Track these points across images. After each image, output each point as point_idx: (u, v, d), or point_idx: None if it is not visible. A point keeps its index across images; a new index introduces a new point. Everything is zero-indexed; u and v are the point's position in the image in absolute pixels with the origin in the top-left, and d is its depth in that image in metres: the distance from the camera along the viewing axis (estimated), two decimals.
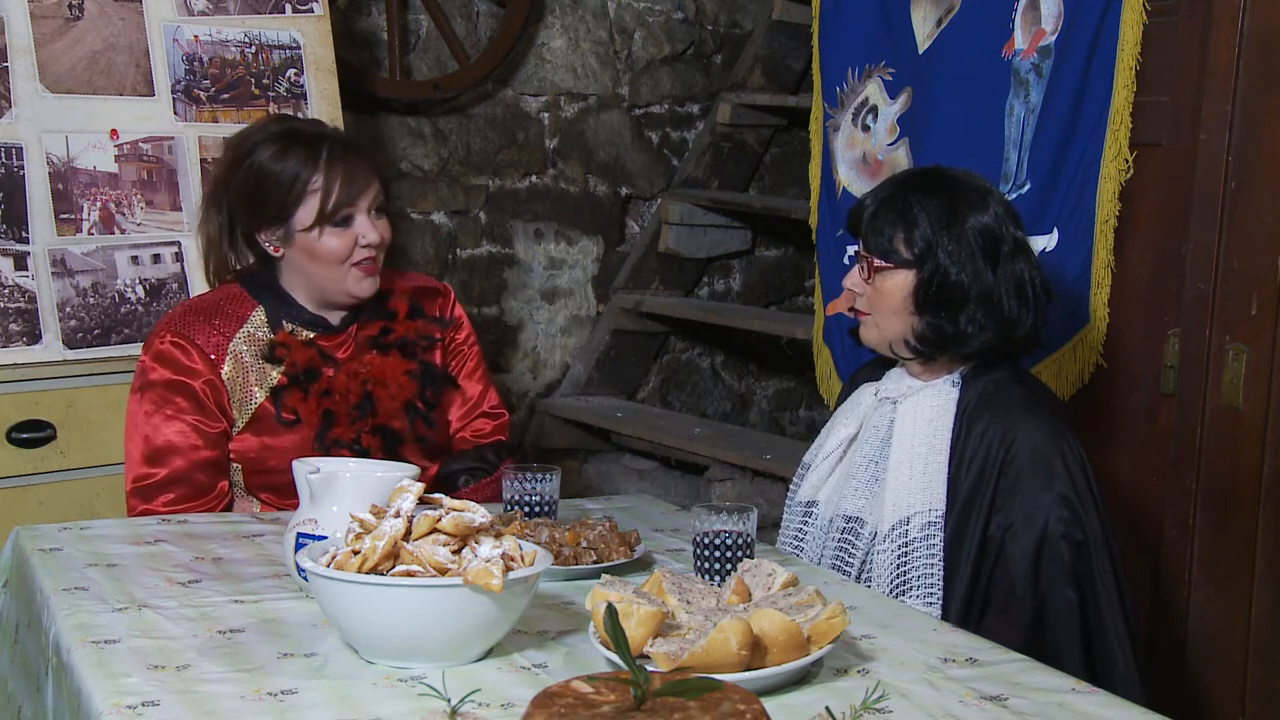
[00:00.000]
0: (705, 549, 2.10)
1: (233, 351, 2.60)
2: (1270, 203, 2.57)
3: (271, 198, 2.59)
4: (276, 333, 2.63)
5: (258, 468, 2.60)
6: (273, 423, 2.60)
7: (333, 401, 2.62)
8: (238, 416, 2.60)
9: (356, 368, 2.65)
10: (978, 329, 2.29)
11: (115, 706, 1.60)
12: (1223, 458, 2.64)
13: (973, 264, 2.28)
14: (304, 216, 2.59)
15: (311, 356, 2.63)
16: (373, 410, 2.64)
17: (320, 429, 2.60)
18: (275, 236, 2.62)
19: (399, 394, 2.67)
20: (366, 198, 2.61)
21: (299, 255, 2.62)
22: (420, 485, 1.82)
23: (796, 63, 4.44)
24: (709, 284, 4.53)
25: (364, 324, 2.70)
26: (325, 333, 2.66)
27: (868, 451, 2.40)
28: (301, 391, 2.61)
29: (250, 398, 2.60)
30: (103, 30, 3.18)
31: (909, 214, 2.30)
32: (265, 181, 2.59)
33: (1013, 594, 2.22)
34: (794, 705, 1.66)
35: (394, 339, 2.70)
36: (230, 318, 2.63)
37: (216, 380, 2.58)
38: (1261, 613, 2.61)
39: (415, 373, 2.70)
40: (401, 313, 2.73)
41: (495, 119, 4.17)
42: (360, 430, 2.62)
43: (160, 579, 2.09)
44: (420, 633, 1.72)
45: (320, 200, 2.58)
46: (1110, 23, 2.74)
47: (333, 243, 2.60)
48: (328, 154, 2.60)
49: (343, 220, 2.60)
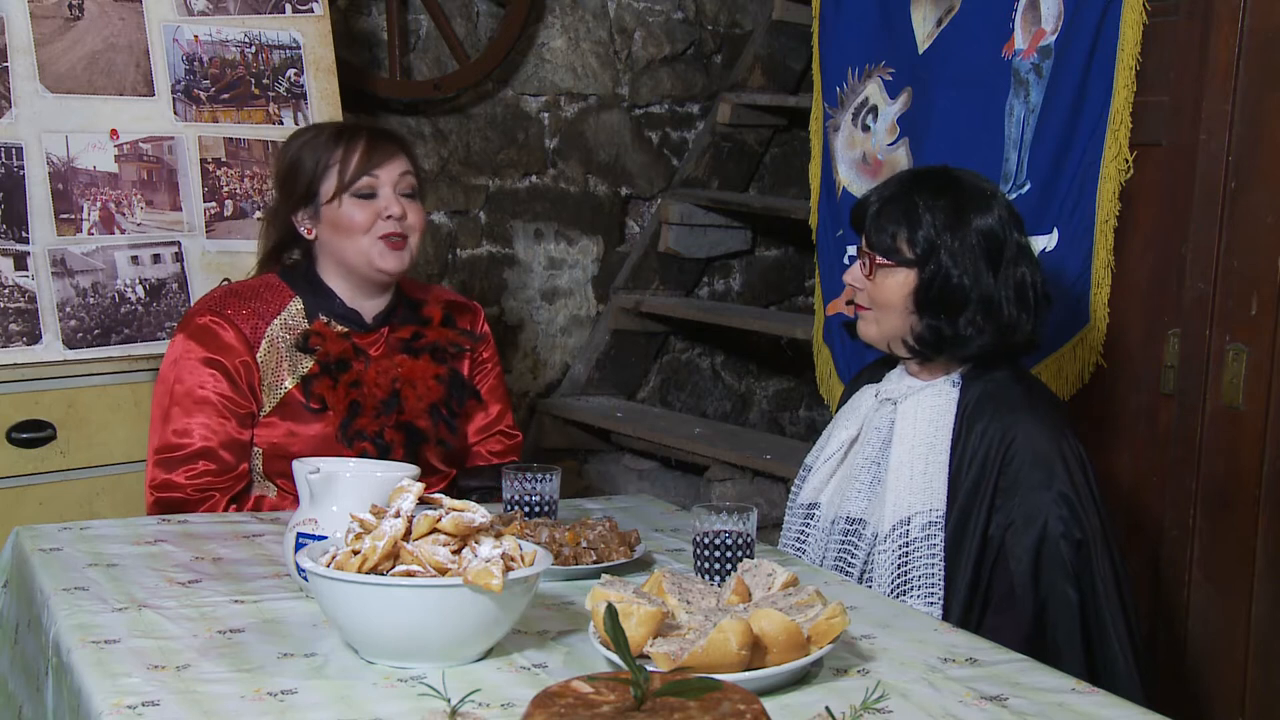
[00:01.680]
0: (705, 549, 2.10)
1: (269, 336, 2.65)
2: (1270, 203, 2.57)
3: (300, 178, 2.68)
4: (312, 323, 2.67)
5: (280, 454, 2.62)
6: (299, 410, 2.63)
7: (360, 393, 2.65)
8: (266, 401, 2.63)
9: (387, 365, 2.69)
10: (976, 332, 2.29)
11: (115, 706, 1.60)
12: (1223, 458, 2.64)
13: (974, 267, 2.28)
14: (326, 189, 2.67)
15: (344, 348, 2.67)
16: (399, 408, 2.67)
17: (345, 419, 2.63)
18: (306, 216, 2.70)
19: (426, 395, 2.70)
20: (388, 171, 2.67)
21: (327, 232, 2.68)
22: (420, 485, 1.82)
23: (796, 63, 4.44)
24: (709, 284, 4.53)
25: (396, 326, 2.74)
26: (359, 330, 2.71)
27: (869, 453, 2.40)
28: (331, 380, 2.64)
29: (280, 383, 2.64)
30: (103, 30, 3.18)
31: (914, 213, 2.30)
32: (297, 165, 2.69)
33: (1013, 593, 2.22)
34: (794, 705, 1.66)
35: (425, 343, 2.74)
36: (270, 304, 2.69)
37: (252, 362, 2.63)
38: (1261, 613, 2.61)
39: (444, 378, 2.73)
40: (435, 319, 2.78)
41: (495, 119, 4.17)
42: (385, 425, 2.65)
43: (160, 579, 2.09)
44: (420, 633, 1.72)
45: (339, 170, 2.65)
46: (1110, 22, 2.73)
47: (355, 213, 2.65)
48: (352, 133, 2.70)
49: (365, 193, 2.66)
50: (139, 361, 3.13)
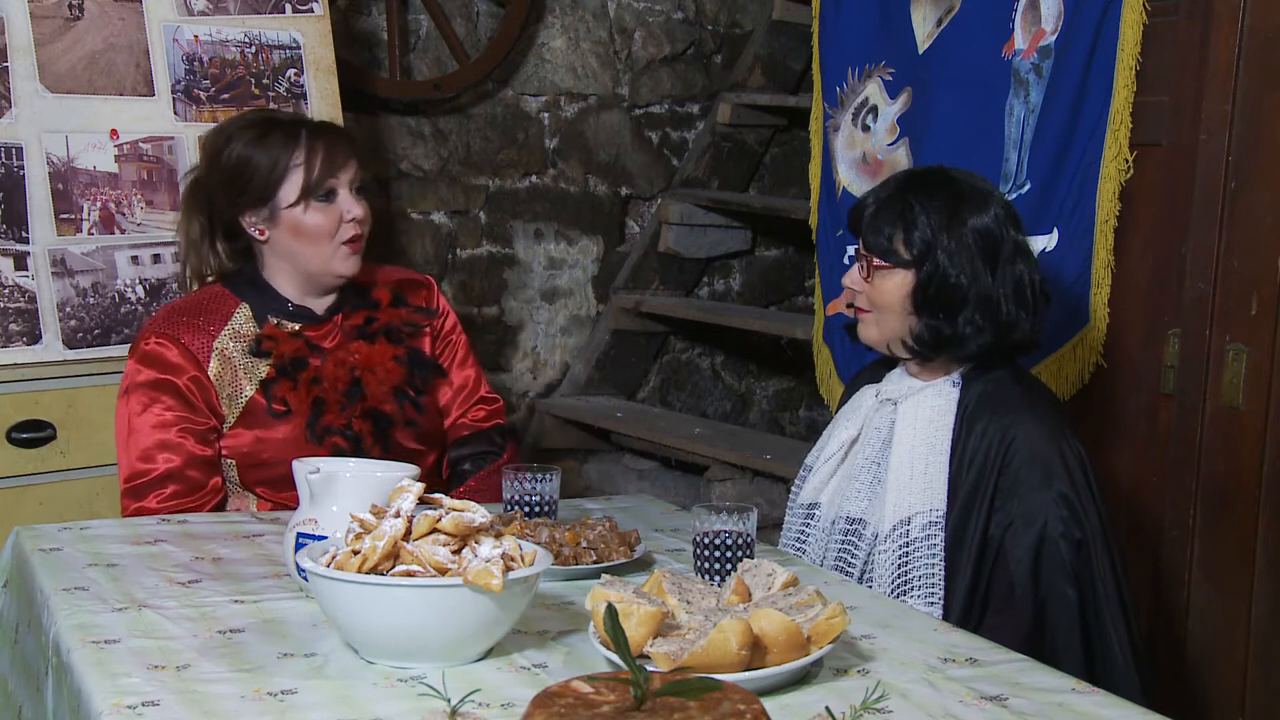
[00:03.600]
0: (705, 549, 2.10)
1: (218, 349, 2.62)
2: (1270, 203, 2.57)
3: (254, 180, 2.62)
4: (262, 327, 2.65)
5: (252, 462, 2.61)
6: (264, 415, 2.61)
7: (322, 389, 2.63)
8: (228, 413, 2.61)
9: (344, 356, 2.67)
10: (975, 331, 2.29)
11: (115, 706, 1.60)
12: (1223, 458, 2.64)
13: (971, 266, 2.28)
14: (288, 193, 2.62)
15: (298, 347, 2.65)
16: (362, 396, 2.65)
17: (311, 418, 2.61)
18: (260, 218, 2.65)
19: (387, 379, 2.68)
20: (348, 172, 2.65)
21: (284, 235, 2.64)
22: (420, 485, 1.82)
23: (796, 63, 4.44)
24: (709, 284, 4.53)
25: (348, 314, 2.72)
26: (310, 323, 2.69)
27: (869, 453, 2.40)
28: (290, 381, 2.62)
29: (240, 392, 2.61)
30: (103, 30, 3.18)
31: (909, 214, 2.31)
32: (247, 166, 2.63)
33: (1013, 593, 2.22)
34: (794, 705, 1.66)
35: (379, 327, 2.72)
36: (214, 316, 2.65)
37: (203, 378, 2.60)
38: (1261, 613, 2.61)
39: (402, 358, 2.71)
40: (384, 302, 2.75)
41: (495, 119, 4.17)
42: (351, 416, 2.63)
43: (160, 579, 2.09)
44: (420, 633, 1.72)
45: (304, 175, 2.61)
46: (1110, 23, 2.73)
47: (318, 218, 2.62)
48: (307, 133, 2.65)
49: (326, 195, 2.63)
50: None
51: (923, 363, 2.37)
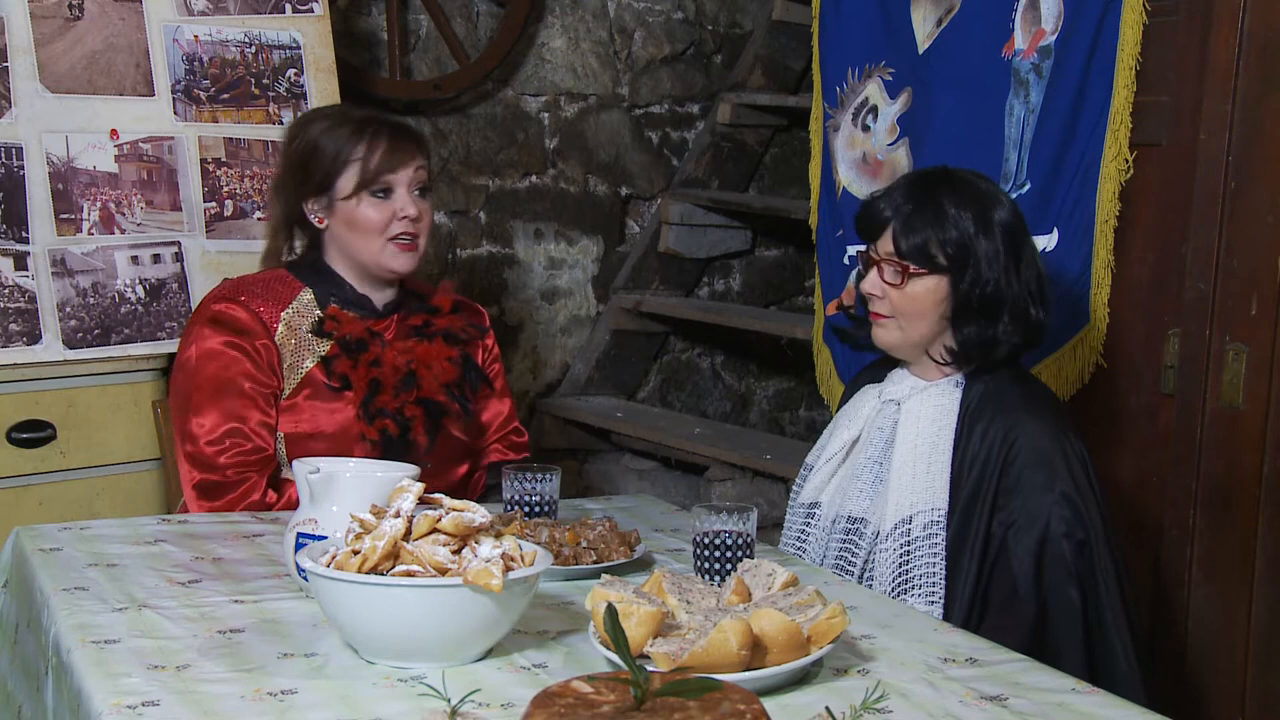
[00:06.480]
0: (705, 549, 2.10)
1: (285, 320, 2.66)
2: (1270, 203, 2.57)
3: (318, 168, 2.67)
4: (324, 310, 2.68)
5: (303, 434, 2.63)
6: (321, 389, 2.64)
7: (380, 372, 2.66)
8: (287, 383, 2.64)
9: (402, 348, 2.71)
10: (1008, 334, 2.29)
11: (115, 706, 1.60)
12: (1223, 458, 2.64)
13: (1004, 269, 2.27)
14: (344, 185, 2.66)
15: (361, 329, 2.69)
16: (417, 385, 2.68)
17: (367, 395, 2.63)
18: (319, 206, 2.69)
19: (441, 375, 2.72)
20: (406, 171, 2.67)
21: (340, 225, 2.68)
22: (420, 485, 1.82)
23: (796, 63, 4.44)
24: (709, 284, 4.53)
25: (406, 315, 2.75)
26: (370, 316, 2.72)
27: (871, 453, 2.40)
28: (351, 360, 2.65)
29: (300, 364, 2.64)
30: (103, 30, 3.18)
31: (942, 218, 2.28)
32: (313, 154, 2.68)
33: (1015, 593, 2.22)
34: (794, 705, 1.66)
35: (437, 329, 2.76)
36: (279, 294, 2.69)
37: (270, 343, 2.63)
38: (1261, 613, 2.61)
39: (457, 360, 2.75)
40: (445, 308, 2.79)
41: (495, 119, 4.17)
42: (405, 401, 2.66)
43: (160, 579, 2.09)
44: (420, 633, 1.72)
45: (360, 168, 2.65)
46: (1110, 23, 2.73)
47: (371, 213, 2.65)
48: (374, 129, 2.68)
49: (382, 191, 2.66)
50: (139, 361, 3.14)
51: (940, 365, 2.36)
